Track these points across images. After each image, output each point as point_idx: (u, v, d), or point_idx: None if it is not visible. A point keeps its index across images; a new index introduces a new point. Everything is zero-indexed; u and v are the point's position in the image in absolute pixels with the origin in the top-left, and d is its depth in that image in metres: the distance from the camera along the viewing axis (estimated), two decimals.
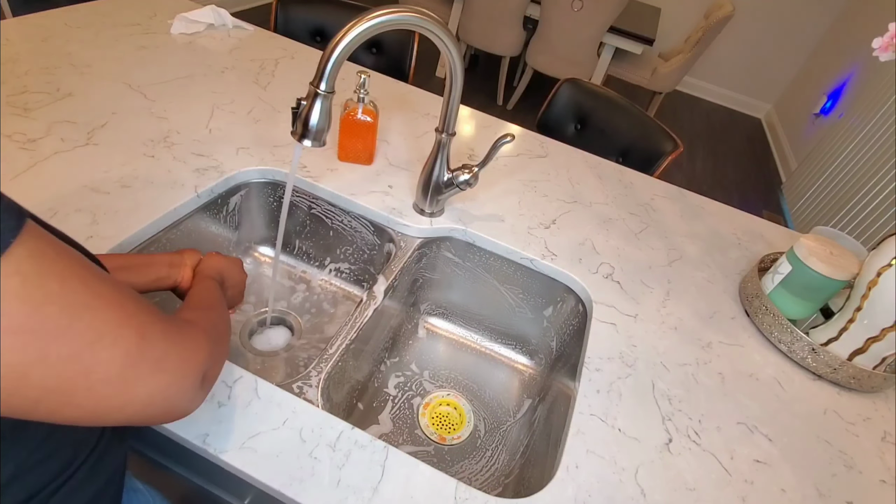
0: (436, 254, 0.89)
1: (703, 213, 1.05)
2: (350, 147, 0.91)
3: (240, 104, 0.99)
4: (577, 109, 1.35)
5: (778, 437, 0.65)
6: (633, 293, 0.81)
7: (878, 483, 0.63)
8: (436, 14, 0.66)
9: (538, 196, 0.97)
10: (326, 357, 0.63)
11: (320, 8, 1.44)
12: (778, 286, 0.79)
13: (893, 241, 0.70)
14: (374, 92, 1.14)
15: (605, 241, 0.90)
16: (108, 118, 0.86)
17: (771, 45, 3.94)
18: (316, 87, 0.57)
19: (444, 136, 0.76)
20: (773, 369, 0.74)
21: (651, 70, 3.09)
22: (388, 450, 0.53)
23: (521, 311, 0.91)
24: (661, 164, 1.19)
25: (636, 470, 0.57)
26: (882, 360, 0.71)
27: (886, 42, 0.82)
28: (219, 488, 0.63)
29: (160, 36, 1.14)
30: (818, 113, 3.23)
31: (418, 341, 0.95)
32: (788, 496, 0.58)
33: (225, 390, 0.54)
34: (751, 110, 4.31)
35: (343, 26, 0.56)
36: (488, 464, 0.79)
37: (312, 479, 0.49)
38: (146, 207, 0.72)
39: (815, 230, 0.86)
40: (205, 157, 0.84)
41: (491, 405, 0.88)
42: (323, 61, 0.56)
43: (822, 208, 2.63)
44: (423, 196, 0.83)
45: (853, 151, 2.55)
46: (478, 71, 3.73)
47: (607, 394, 0.65)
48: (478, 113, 1.21)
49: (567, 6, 2.70)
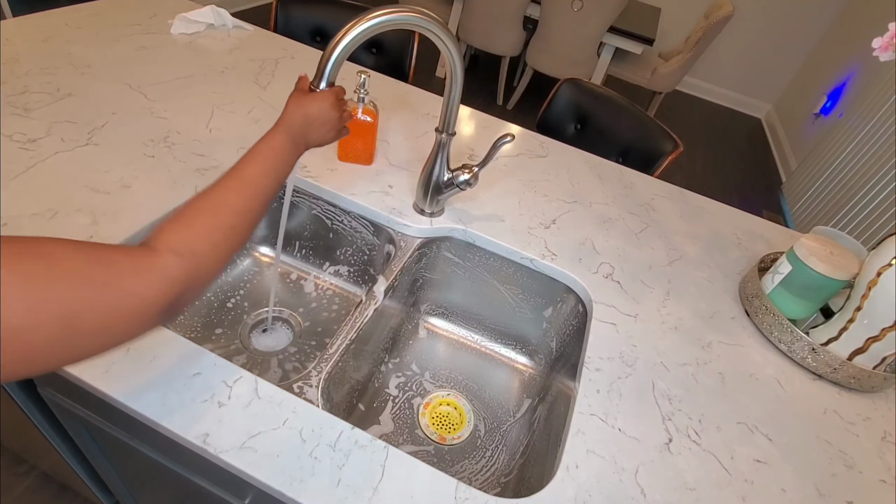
0: (436, 254, 0.89)
1: (703, 213, 1.05)
2: (350, 147, 0.91)
3: (240, 104, 0.99)
4: (577, 109, 1.35)
5: (778, 436, 0.65)
6: (633, 293, 0.81)
7: (878, 483, 0.63)
8: (436, 14, 0.66)
9: (538, 196, 0.97)
10: (326, 357, 0.63)
11: (320, 8, 1.44)
12: (778, 286, 0.79)
13: (893, 241, 0.70)
14: (374, 92, 1.14)
15: (605, 240, 0.90)
16: (108, 118, 0.86)
17: (771, 45, 3.94)
18: (316, 87, 0.57)
19: (444, 136, 0.76)
20: (773, 369, 0.74)
21: (651, 70, 3.09)
22: (388, 450, 0.53)
23: (521, 310, 0.91)
24: (661, 164, 1.19)
25: (636, 470, 0.57)
26: (882, 359, 0.71)
27: (886, 42, 0.82)
28: (219, 488, 0.63)
29: (160, 36, 1.14)
30: (818, 113, 3.23)
31: (418, 341, 0.95)
32: (788, 496, 0.58)
33: (225, 390, 0.54)
34: (751, 110, 4.31)
35: (343, 26, 0.56)
36: (488, 464, 0.79)
37: (312, 479, 0.49)
38: (146, 207, 0.72)
39: (815, 230, 0.86)
40: (205, 157, 0.84)
41: (491, 405, 0.88)
42: (323, 61, 0.56)
43: (822, 208, 2.63)
44: (423, 196, 0.83)
45: (853, 151, 2.55)
46: (478, 71, 3.73)
47: (607, 394, 0.65)
48: (478, 113, 1.21)
49: (567, 6, 2.70)
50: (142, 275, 0.35)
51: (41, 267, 0.31)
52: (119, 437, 0.66)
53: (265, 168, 0.46)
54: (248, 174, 0.45)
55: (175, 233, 0.39)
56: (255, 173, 0.45)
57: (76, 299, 0.32)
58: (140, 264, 0.36)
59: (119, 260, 0.35)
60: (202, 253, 0.39)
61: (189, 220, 0.40)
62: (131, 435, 0.65)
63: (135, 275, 0.35)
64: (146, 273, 0.36)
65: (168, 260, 0.37)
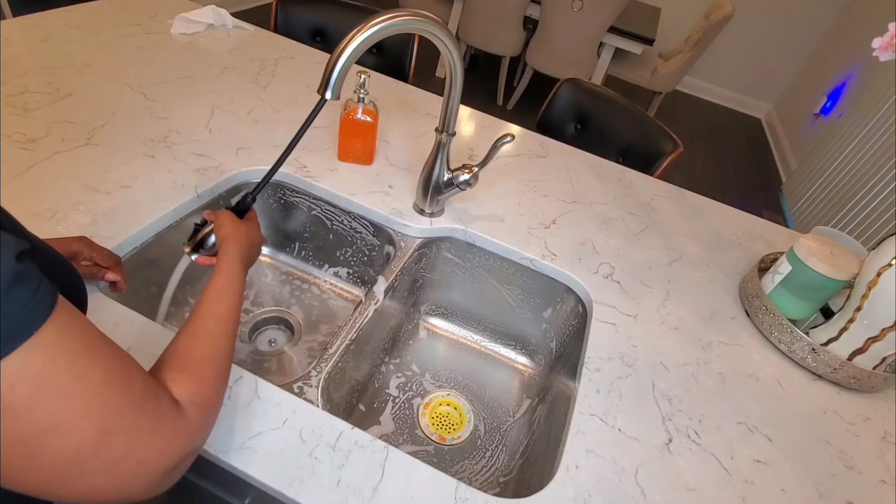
0: (436, 254, 0.89)
1: (703, 213, 1.05)
2: (350, 147, 0.91)
3: (240, 104, 0.99)
4: (577, 109, 1.35)
5: (778, 437, 0.65)
6: (633, 293, 0.81)
7: (878, 483, 0.62)
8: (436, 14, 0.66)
9: (538, 196, 0.97)
10: (326, 357, 0.63)
11: (320, 8, 1.44)
12: (778, 286, 0.79)
13: (893, 241, 0.70)
14: (374, 92, 1.14)
15: (605, 241, 0.90)
16: (108, 118, 0.86)
17: (771, 45, 3.94)
18: (322, 94, 0.56)
19: (444, 136, 0.76)
20: (773, 369, 0.74)
21: (651, 70, 3.09)
22: (388, 450, 0.53)
23: (521, 311, 0.91)
24: (661, 164, 1.19)
25: (636, 470, 0.57)
26: (882, 359, 0.71)
27: (886, 42, 0.82)
28: (219, 488, 0.63)
29: (160, 36, 1.14)
30: (818, 113, 3.23)
31: (418, 341, 0.95)
32: (788, 496, 0.58)
33: (225, 390, 0.54)
34: (751, 110, 4.31)
35: (343, 26, 0.56)
36: (488, 464, 0.79)
37: (312, 479, 0.49)
38: (146, 207, 0.72)
39: (815, 230, 0.86)
40: (205, 157, 0.84)
41: (491, 405, 0.88)
42: (328, 70, 0.55)
43: (822, 208, 2.63)
44: (423, 196, 0.83)
45: (853, 151, 2.55)
46: (478, 71, 3.73)
47: (607, 394, 0.65)
48: (478, 113, 1.21)
49: (567, 6, 2.70)
50: (175, 420, 0.36)
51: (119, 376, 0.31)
52: None
53: (236, 303, 0.49)
54: (224, 311, 0.47)
55: (191, 384, 0.40)
56: (229, 308, 0.48)
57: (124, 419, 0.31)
58: (175, 410, 0.36)
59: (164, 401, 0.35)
60: (212, 403, 0.41)
61: (199, 370, 0.41)
62: None
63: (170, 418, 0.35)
64: (178, 419, 0.36)
65: (191, 412, 0.38)
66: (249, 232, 0.58)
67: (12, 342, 0.26)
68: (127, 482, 0.32)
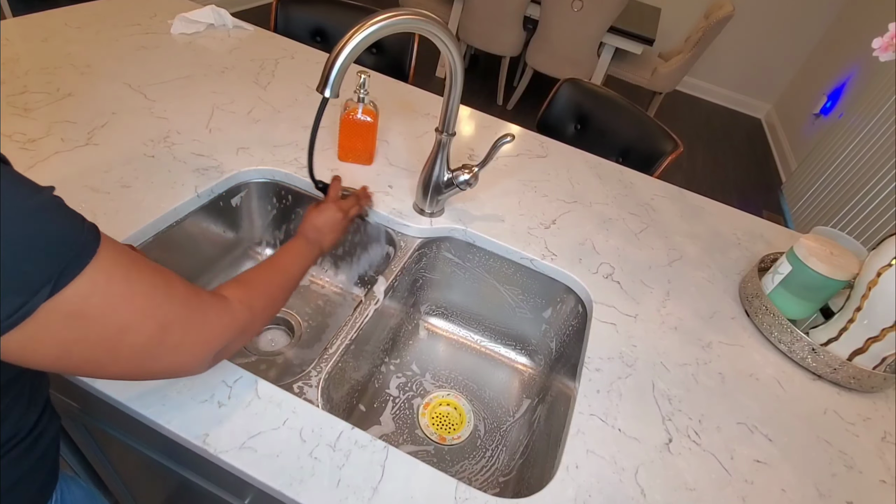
0: (436, 254, 0.89)
1: (703, 213, 1.05)
2: (350, 147, 0.91)
3: (240, 104, 0.99)
4: (577, 109, 1.35)
5: (778, 437, 0.65)
6: (633, 293, 0.81)
7: (878, 483, 0.63)
8: (436, 14, 0.66)
9: (538, 196, 0.97)
10: (326, 357, 0.63)
11: (320, 8, 1.44)
12: (778, 286, 0.79)
13: (893, 241, 0.70)
14: (374, 92, 1.14)
15: (605, 241, 0.90)
16: (108, 118, 0.86)
17: (771, 45, 3.94)
18: (322, 93, 0.57)
19: (444, 136, 0.76)
20: (773, 369, 0.74)
21: (651, 70, 3.09)
22: (388, 450, 0.53)
23: (521, 311, 0.91)
24: (661, 164, 1.19)
25: (636, 470, 0.57)
26: (882, 360, 0.71)
27: (886, 42, 0.82)
28: (219, 488, 0.63)
29: (160, 36, 1.14)
30: (818, 113, 3.23)
31: (418, 341, 0.95)
32: (788, 496, 0.58)
33: (225, 390, 0.54)
34: (751, 110, 4.31)
35: (343, 26, 0.56)
36: (488, 464, 0.79)
37: (312, 479, 0.49)
38: (146, 207, 0.72)
39: (815, 230, 0.86)
40: (205, 157, 0.84)
41: (491, 405, 0.88)
42: (327, 68, 0.55)
43: (822, 208, 2.63)
44: (423, 196, 0.83)
45: (853, 151, 2.55)
46: (478, 71, 3.73)
47: (607, 394, 0.65)
48: (478, 113, 1.21)
49: (567, 6, 2.70)
50: (220, 311, 0.44)
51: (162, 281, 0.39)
52: (119, 437, 0.66)
53: (294, 259, 0.62)
54: (283, 262, 0.60)
55: (241, 290, 0.48)
56: (287, 262, 0.60)
57: (175, 314, 0.39)
58: (220, 304, 0.44)
59: (206, 297, 0.43)
60: (258, 308, 0.49)
61: (250, 284, 0.51)
62: (131, 435, 0.65)
63: (215, 310, 0.43)
64: (223, 311, 0.44)
65: (236, 307, 0.46)
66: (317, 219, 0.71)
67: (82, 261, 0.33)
68: (186, 360, 0.41)
